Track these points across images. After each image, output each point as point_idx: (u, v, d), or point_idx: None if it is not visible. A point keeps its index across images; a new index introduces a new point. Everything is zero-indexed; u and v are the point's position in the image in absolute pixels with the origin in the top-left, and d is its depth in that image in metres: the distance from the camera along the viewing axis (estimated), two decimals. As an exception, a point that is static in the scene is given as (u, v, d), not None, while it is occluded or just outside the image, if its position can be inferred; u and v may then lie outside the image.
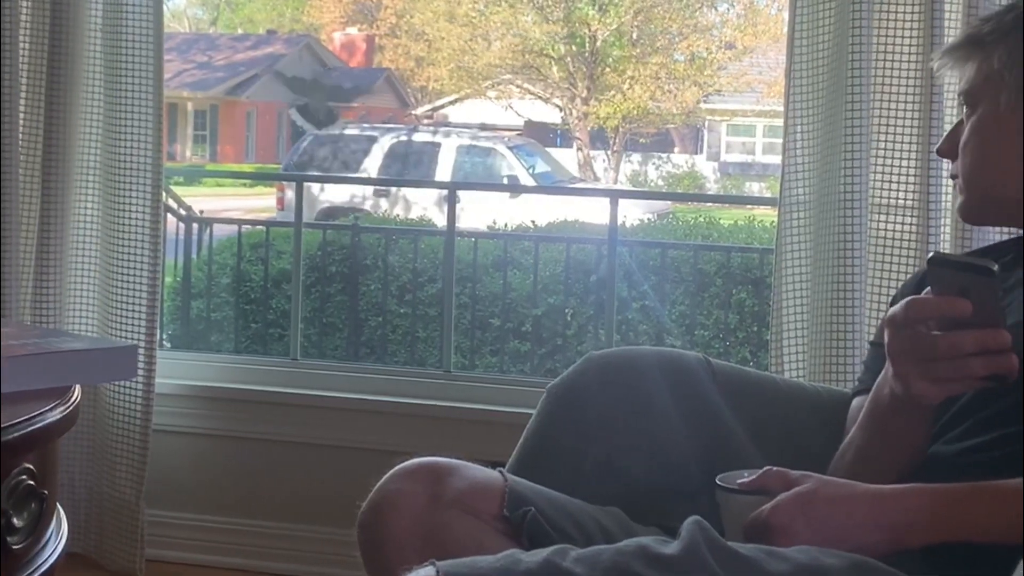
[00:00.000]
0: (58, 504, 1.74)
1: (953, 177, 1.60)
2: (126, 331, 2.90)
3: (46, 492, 1.61)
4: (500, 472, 1.52)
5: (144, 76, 2.88)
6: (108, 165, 2.93)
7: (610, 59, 17.37)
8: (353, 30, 22.24)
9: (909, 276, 1.94)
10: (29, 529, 1.58)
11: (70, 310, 2.99)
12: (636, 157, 18.97)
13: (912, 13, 2.42)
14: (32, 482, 1.58)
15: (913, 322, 1.31)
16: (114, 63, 2.89)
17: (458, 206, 3.48)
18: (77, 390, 1.75)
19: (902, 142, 2.44)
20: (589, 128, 17.53)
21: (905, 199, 2.45)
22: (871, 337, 1.82)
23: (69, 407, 1.68)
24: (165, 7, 2.96)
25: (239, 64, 20.54)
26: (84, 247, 2.98)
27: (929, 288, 1.34)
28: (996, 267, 1.28)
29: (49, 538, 1.66)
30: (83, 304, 2.99)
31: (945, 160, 1.73)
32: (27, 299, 2.93)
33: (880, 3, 2.43)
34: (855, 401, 1.65)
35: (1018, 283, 1.49)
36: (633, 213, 8.38)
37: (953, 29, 2.39)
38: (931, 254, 1.35)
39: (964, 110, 1.56)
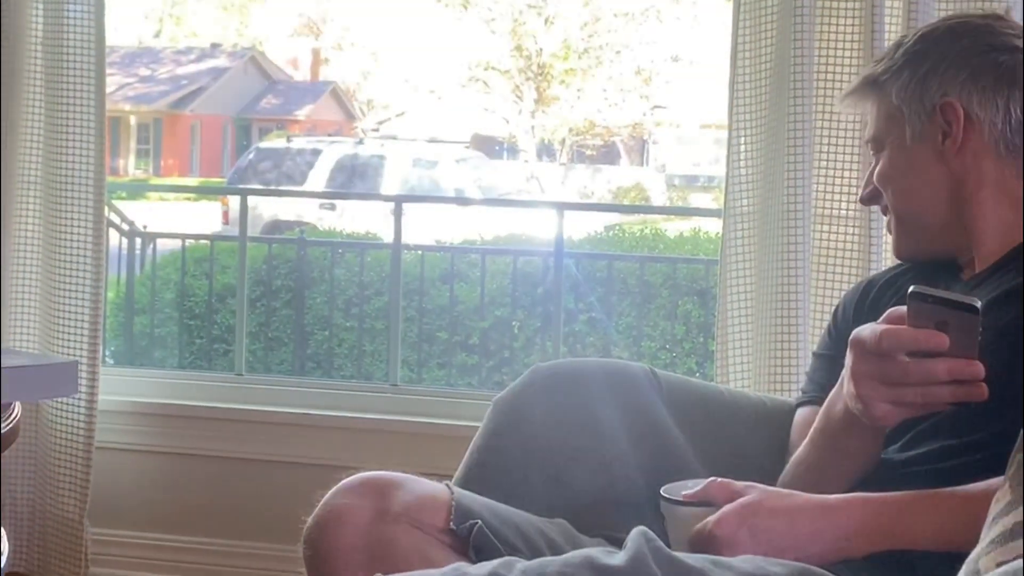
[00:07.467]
0: (-2, 523, 1.72)
1: (885, 213, 1.64)
2: (68, 347, 2.87)
3: (-15, 511, 1.59)
4: (446, 485, 1.51)
5: (86, 90, 2.85)
6: (50, 180, 2.90)
7: (556, 72, 17.42)
8: (299, 43, 22.16)
9: (852, 286, 1.95)
10: (-32, 549, 1.56)
11: (11, 326, 2.95)
12: (584, 170, 19.01)
13: (852, 25, 2.44)
14: (-29, 501, 1.56)
15: (887, 352, 1.29)
16: (55, 77, 2.86)
17: (404, 219, 3.47)
18: (17, 407, 1.73)
19: (844, 153, 2.47)
20: (536, 141, 17.55)
21: (847, 210, 2.47)
22: (815, 347, 1.83)
23: (9, 424, 1.66)
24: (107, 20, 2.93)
25: (183, 77, 20.39)
26: (25, 263, 2.95)
27: (892, 313, 1.32)
28: (979, 304, 1.26)
29: (-11, 558, 1.64)
30: (24, 320, 2.95)
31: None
32: (-33, 315, 2.89)
33: (821, 16, 2.46)
34: (799, 411, 1.66)
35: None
36: (579, 225, 8.38)
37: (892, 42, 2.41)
38: (911, 288, 1.30)
39: (874, 156, 1.61)
